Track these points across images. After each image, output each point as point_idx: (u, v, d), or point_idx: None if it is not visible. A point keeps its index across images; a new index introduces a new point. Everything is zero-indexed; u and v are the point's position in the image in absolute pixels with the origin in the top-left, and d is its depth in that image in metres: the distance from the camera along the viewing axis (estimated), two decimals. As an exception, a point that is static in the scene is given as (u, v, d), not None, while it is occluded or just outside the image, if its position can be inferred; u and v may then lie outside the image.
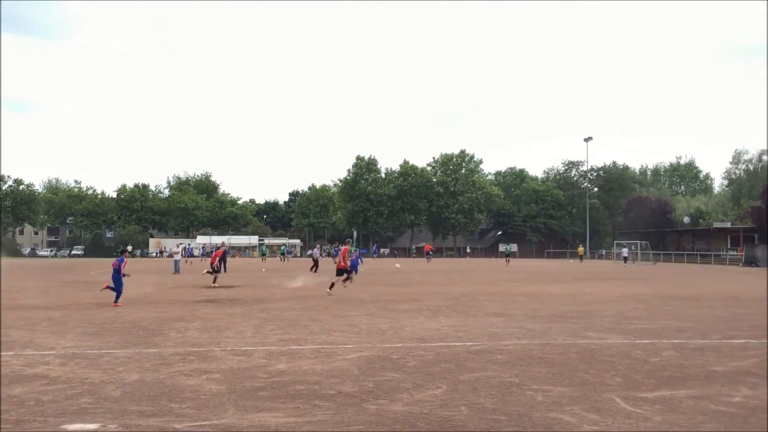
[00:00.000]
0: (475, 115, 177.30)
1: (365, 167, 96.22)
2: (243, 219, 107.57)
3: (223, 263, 37.24)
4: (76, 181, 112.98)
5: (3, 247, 79.91)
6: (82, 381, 7.86)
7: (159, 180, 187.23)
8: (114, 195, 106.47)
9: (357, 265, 30.12)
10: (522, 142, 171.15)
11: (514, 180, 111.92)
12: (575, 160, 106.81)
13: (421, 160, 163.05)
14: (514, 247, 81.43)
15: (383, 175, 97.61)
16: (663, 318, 14.64)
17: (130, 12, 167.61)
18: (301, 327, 12.85)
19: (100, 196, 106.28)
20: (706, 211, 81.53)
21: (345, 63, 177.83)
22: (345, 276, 21.86)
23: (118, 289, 17.43)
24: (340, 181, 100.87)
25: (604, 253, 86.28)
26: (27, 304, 17.79)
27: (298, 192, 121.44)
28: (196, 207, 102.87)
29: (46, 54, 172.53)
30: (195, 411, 6.46)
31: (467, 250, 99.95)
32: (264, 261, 63.08)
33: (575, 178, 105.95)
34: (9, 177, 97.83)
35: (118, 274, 17.57)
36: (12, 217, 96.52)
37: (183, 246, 54.22)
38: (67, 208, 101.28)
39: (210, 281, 25.44)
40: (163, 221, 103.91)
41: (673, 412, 6.47)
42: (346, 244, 24.00)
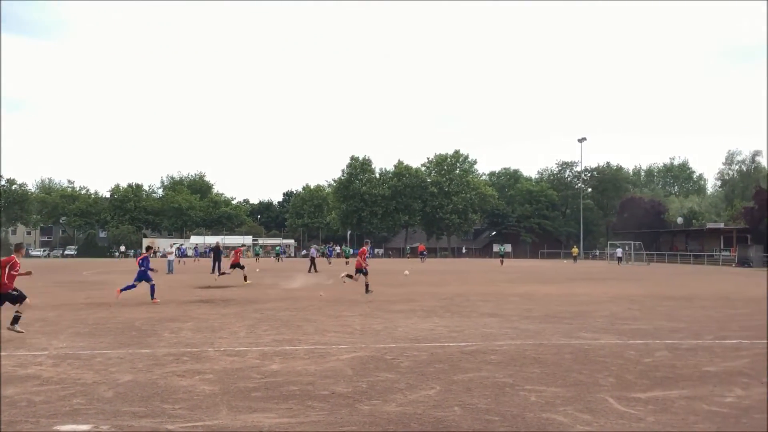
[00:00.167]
0: (470, 116, 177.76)
1: (359, 167, 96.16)
2: (237, 219, 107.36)
3: (218, 263, 37.23)
4: (69, 181, 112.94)
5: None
6: (74, 382, 7.83)
7: (152, 180, 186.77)
8: (107, 195, 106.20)
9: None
10: (516, 142, 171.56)
11: (508, 180, 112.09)
12: (569, 160, 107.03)
13: (416, 160, 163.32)
14: (508, 248, 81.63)
15: (377, 176, 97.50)
16: (656, 318, 14.69)
17: (124, 11, 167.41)
18: (295, 327, 12.84)
19: (93, 195, 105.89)
20: (699, 212, 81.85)
21: (339, 63, 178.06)
22: (365, 274, 21.85)
23: (151, 285, 18.76)
24: (334, 182, 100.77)
25: (597, 254, 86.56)
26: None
27: (292, 192, 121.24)
28: (189, 207, 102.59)
29: (39, 53, 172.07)
30: (188, 412, 6.45)
31: (463, 250, 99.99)
32: (258, 261, 62.98)
33: (569, 178, 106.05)
34: (1, 177, 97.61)
35: (146, 271, 18.75)
36: (5, 217, 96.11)
37: (177, 246, 54.05)
38: (60, 207, 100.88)
39: (224, 280, 26.17)
40: (157, 221, 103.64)
41: (666, 412, 6.49)
42: (364, 245, 24.23)
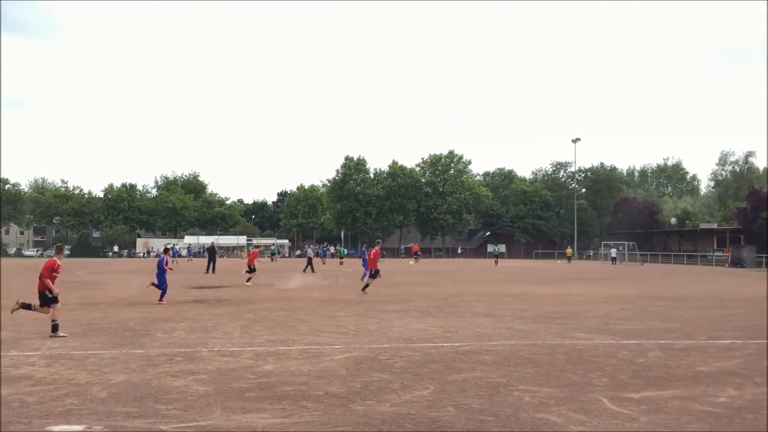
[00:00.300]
0: (465, 116, 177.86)
1: (354, 167, 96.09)
2: (231, 219, 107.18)
3: (213, 263, 37.18)
4: (62, 181, 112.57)
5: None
6: (67, 382, 7.80)
7: (146, 180, 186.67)
8: (101, 195, 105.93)
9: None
10: (510, 143, 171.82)
11: (502, 181, 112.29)
12: (563, 161, 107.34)
13: (410, 160, 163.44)
14: (502, 248, 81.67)
15: (372, 176, 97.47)
16: (649, 319, 14.73)
17: (117, 11, 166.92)
18: (289, 328, 12.82)
19: (87, 195, 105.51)
20: (692, 212, 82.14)
21: (334, 63, 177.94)
22: (372, 276, 22.41)
23: (163, 288, 18.28)
24: (328, 182, 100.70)
25: (591, 254, 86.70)
26: (12, 304, 17.57)
27: (286, 192, 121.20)
28: (183, 207, 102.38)
29: (31, 53, 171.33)
30: (181, 412, 6.43)
31: (458, 251, 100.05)
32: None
33: (563, 179, 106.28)
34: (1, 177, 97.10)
35: (162, 273, 18.38)
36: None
37: (171, 246, 53.85)
38: (54, 207, 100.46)
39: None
40: (151, 221, 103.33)
41: (659, 412, 6.51)
42: (376, 245, 24.48)
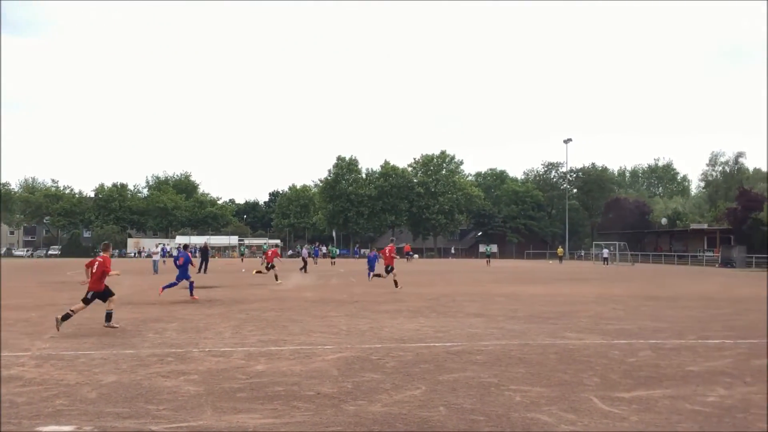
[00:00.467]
0: (457, 117, 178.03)
1: (346, 167, 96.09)
2: (223, 219, 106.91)
3: (205, 263, 37.07)
4: (53, 180, 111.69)
5: None
6: (57, 382, 7.77)
7: (138, 179, 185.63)
8: (92, 194, 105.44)
9: (374, 265, 30.65)
10: (502, 143, 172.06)
11: (494, 181, 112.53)
12: (555, 161, 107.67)
13: (402, 160, 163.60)
14: (494, 248, 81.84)
15: (364, 176, 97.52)
16: (640, 318, 14.78)
17: (108, 10, 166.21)
18: (281, 328, 12.80)
19: (77, 195, 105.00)
20: (683, 213, 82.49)
21: (326, 63, 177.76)
22: (389, 271, 23.38)
23: (172, 284, 19.16)
24: (320, 182, 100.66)
25: (583, 254, 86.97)
26: (2, 304, 17.53)
27: (278, 192, 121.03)
28: (175, 207, 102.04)
29: (22, 51, 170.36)
30: (172, 413, 6.41)
31: (452, 251, 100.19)
32: (242, 261, 62.79)
33: (555, 179, 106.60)
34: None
35: (185, 269, 19.16)
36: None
37: (161, 246, 53.61)
38: (44, 207, 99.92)
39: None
40: (142, 221, 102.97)
41: (650, 411, 6.53)
42: (390, 243, 25.02)
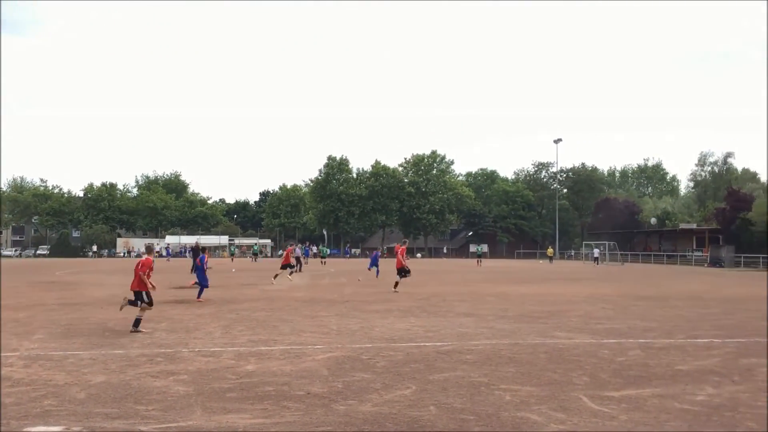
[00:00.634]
0: (448, 116, 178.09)
1: (337, 167, 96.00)
2: (213, 219, 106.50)
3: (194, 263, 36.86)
4: (41, 180, 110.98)
5: None
6: (45, 383, 7.72)
7: (127, 179, 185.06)
8: (81, 194, 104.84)
9: (377, 263, 30.83)
10: (493, 143, 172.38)
11: (484, 181, 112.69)
12: (545, 161, 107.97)
13: (393, 160, 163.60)
14: (484, 248, 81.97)
15: (355, 176, 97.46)
16: (630, 318, 14.85)
17: (97, 9, 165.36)
18: (271, 328, 12.78)
19: (66, 195, 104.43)
20: (672, 213, 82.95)
21: (317, 62, 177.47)
22: (405, 273, 23.08)
23: (203, 284, 19.04)
24: (311, 181, 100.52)
25: (573, 254, 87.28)
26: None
27: (268, 192, 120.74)
28: (165, 206, 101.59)
29: (11, 50, 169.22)
30: (161, 413, 6.38)
31: (444, 250, 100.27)
32: (232, 261, 62.63)
33: (545, 179, 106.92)
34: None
35: (202, 271, 19.14)
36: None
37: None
38: (33, 207, 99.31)
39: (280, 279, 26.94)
40: (131, 221, 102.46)
41: (639, 410, 6.56)
42: (403, 244, 24.68)
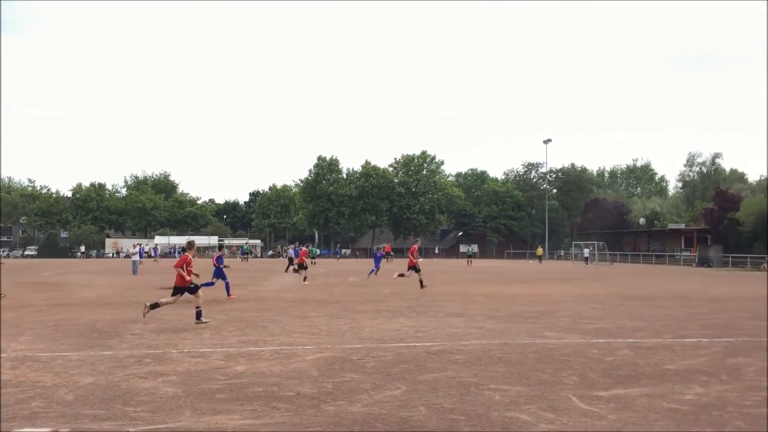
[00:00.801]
0: (438, 116, 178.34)
1: (327, 167, 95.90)
2: (202, 219, 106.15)
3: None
4: (29, 180, 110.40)
5: None
6: (33, 384, 7.66)
7: (116, 179, 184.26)
8: (69, 194, 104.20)
9: (380, 263, 30.90)
10: (483, 143, 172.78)
11: (474, 181, 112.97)
12: (535, 161, 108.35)
13: (383, 160, 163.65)
14: (475, 248, 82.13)
15: (345, 176, 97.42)
16: (619, 318, 14.91)
17: (86, 8, 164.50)
18: (260, 328, 12.75)
19: (54, 195, 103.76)
20: (661, 213, 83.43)
21: (307, 62, 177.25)
22: (417, 271, 23.35)
23: (226, 282, 19.34)
24: (301, 182, 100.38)
25: (562, 254, 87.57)
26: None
27: (258, 192, 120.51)
28: (154, 207, 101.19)
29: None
30: (150, 414, 6.35)
31: (436, 251, 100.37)
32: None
33: (535, 179, 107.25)
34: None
35: (219, 269, 19.57)
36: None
37: (139, 246, 53.13)
38: (21, 207, 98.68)
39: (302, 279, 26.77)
40: (120, 221, 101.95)
41: (628, 410, 6.59)
42: (415, 243, 24.95)
